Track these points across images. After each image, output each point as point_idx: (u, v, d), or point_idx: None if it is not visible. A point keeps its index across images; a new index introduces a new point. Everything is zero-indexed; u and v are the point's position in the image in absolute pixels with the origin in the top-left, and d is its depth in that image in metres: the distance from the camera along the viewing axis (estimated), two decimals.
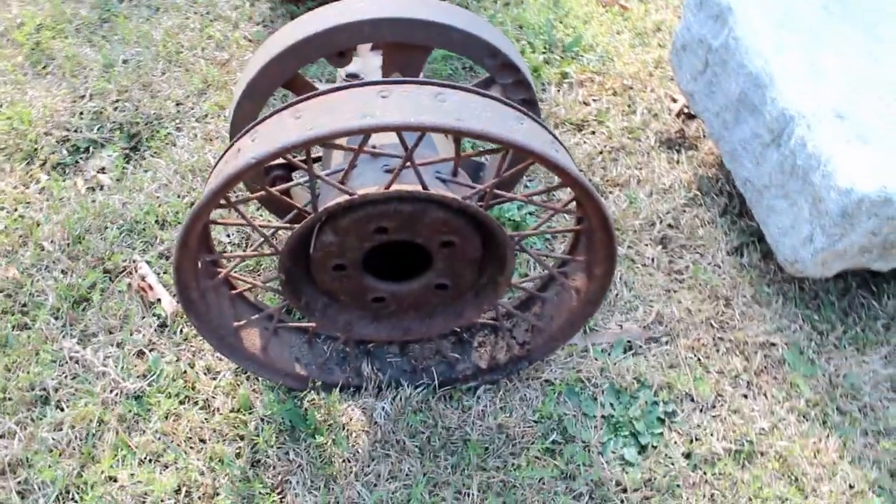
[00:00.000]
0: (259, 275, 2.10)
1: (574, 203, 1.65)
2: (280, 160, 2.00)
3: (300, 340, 1.97)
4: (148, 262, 2.10)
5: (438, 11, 1.72)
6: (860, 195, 1.91)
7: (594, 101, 2.66)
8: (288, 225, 1.65)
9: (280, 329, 1.92)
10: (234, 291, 1.82)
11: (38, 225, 2.16)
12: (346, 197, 1.53)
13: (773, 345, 2.15)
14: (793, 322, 2.20)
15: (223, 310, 1.80)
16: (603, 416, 1.97)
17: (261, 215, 2.20)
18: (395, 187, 1.53)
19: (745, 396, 2.06)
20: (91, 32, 2.65)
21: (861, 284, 2.30)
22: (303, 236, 1.63)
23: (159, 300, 2.03)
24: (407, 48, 1.78)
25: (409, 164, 1.47)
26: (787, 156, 2.08)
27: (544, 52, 2.76)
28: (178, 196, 2.24)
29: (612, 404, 2.01)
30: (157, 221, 2.18)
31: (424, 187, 1.53)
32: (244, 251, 2.13)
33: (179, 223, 2.18)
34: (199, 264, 1.67)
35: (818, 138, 2.00)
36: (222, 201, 1.51)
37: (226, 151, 1.55)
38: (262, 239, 1.62)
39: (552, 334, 1.92)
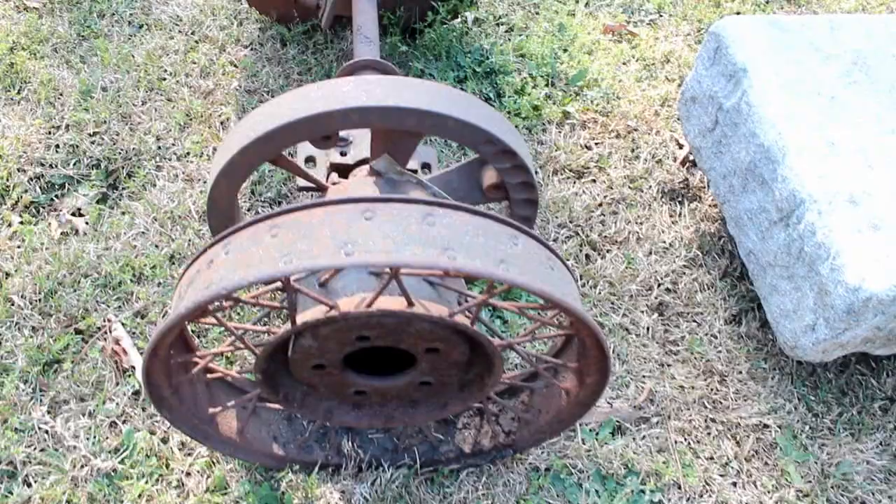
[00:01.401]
0: (235, 354, 2.02)
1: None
2: None
3: (279, 417, 1.90)
4: (123, 323, 2.01)
5: (431, 98, 1.60)
6: (868, 294, 1.83)
7: (596, 144, 2.54)
8: (264, 329, 1.56)
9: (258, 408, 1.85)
10: (209, 375, 1.74)
11: (8, 276, 2.07)
12: (326, 311, 1.45)
13: (767, 427, 2.09)
14: (788, 401, 2.13)
15: (198, 399, 1.72)
16: None
17: (237, 314, 2.09)
18: (378, 301, 1.44)
19: (734, 485, 2.00)
20: (69, 52, 2.51)
21: (860, 360, 2.23)
22: (280, 341, 1.55)
23: (133, 368, 1.95)
24: (397, 133, 1.67)
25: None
26: (794, 239, 1.99)
27: (546, 87, 2.63)
28: (156, 247, 2.14)
29: (597, 491, 1.95)
30: (133, 276, 2.09)
31: (410, 303, 1.44)
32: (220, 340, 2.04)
33: (156, 277, 2.09)
34: (172, 362, 1.59)
35: (829, 226, 1.91)
36: None
37: (198, 257, 1.46)
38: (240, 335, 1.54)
39: (539, 427, 1.85)
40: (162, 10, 2.62)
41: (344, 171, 1.92)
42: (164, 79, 2.46)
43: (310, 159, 2.02)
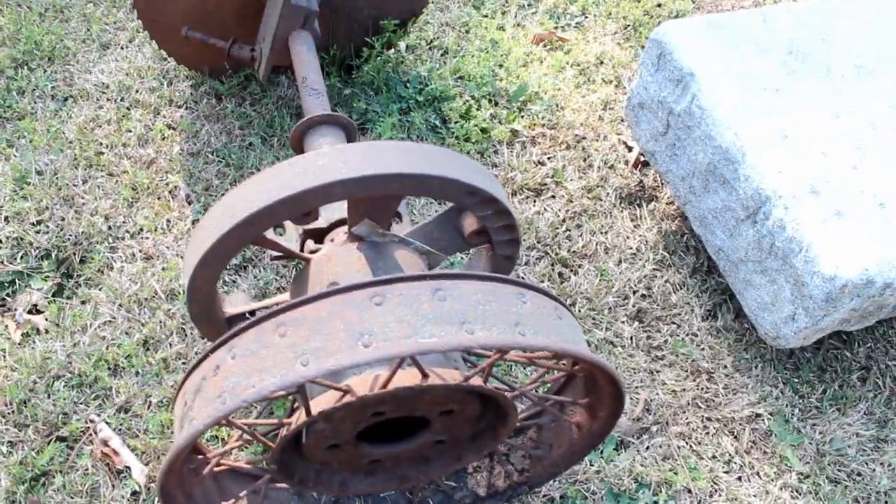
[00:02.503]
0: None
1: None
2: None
3: (289, 494, 1.85)
4: (107, 422, 1.93)
5: (410, 160, 1.57)
6: (844, 281, 1.90)
7: (549, 159, 2.55)
8: (276, 422, 1.51)
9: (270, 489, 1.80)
10: (218, 469, 1.68)
11: None
12: (340, 396, 1.41)
13: (759, 416, 2.16)
14: (774, 387, 2.20)
15: (209, 496, 1.66)
16: None
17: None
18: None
19: (740, 479, 2.06)
20: None
21: (833, 335, 2.31)
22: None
23: (128, 468, 1.87)
24: (378, 198, 1.64)
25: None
26: (764, 235, 2.04)
27: (490, 107, 2.62)
28: (127, 334, 2.05)
29: None
30: (108, 370, 1.99)
31: (424, 375, 1.42)
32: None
33: (133, 367, 2.01)
34: (184, 470, 1.53)
35: (797, 220, 1.96)
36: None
37: (200, 362, 1.40)
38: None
39: (553, 461, 1.86)
40: (85, 78, 2.49)
41: (318, 235, 1.88)
42: (102, 153, 2.35)
43: (278, 224, 1.96)
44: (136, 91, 2.47)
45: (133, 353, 2.01)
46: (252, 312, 1.86)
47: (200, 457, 1.58)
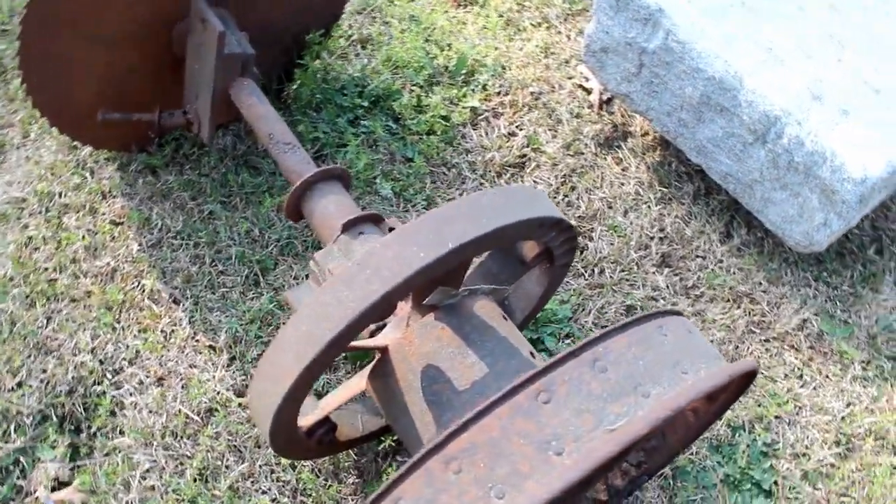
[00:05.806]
0: None
1: None
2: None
3: None
4: None
5: (479, 219, 1.41)
6: (874, 179, 1.92)
7: (517, 128, 2.41)
8: None
9: None
10: None
11: None
12: None
13: (806, 321, 2.19)
14: (808, 287, 2.24)
15: None
16: (720, 480, 1.95)
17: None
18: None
19: (815, 389, 2.10)
20: None
21: None
22: None
23: None
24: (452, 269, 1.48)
25: None
26: (779, 153, 2.02)
27: (438, 90, 2.43)
28: (178, 475, 1.83)
29: (718, 462, 1.98)
30: None
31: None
32: None
33: None
34: None
35: (813, 133, 1.95)
36: None
37: None
38: None
39: (670, 447, 1.82)
40: None
41: None
42: (54, 280, 2.02)
43: None
44: (60, 195, 2.13)
45: (195, 493, 1.80)
46: (327, 417, 1.69)
47: None
